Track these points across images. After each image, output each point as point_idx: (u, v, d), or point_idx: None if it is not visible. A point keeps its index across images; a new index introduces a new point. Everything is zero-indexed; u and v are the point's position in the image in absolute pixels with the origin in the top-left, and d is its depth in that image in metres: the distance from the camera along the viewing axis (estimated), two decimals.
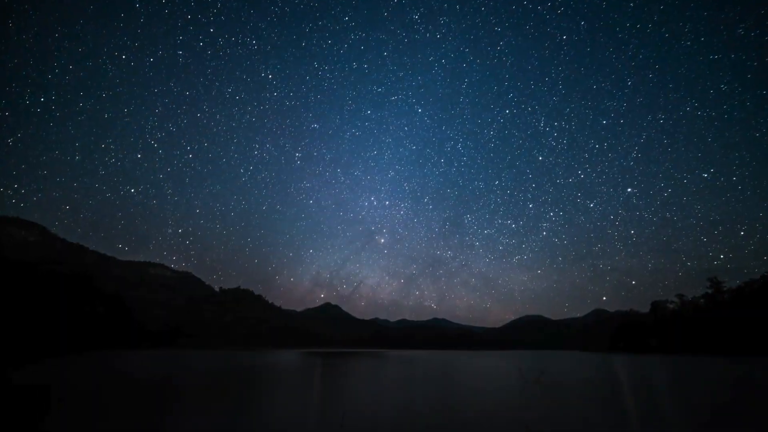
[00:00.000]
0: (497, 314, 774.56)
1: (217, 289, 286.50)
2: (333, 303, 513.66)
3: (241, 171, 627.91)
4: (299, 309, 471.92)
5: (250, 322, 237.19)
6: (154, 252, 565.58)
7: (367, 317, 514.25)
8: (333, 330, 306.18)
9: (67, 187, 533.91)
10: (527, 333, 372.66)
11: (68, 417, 12.06)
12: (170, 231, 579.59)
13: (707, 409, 14.40)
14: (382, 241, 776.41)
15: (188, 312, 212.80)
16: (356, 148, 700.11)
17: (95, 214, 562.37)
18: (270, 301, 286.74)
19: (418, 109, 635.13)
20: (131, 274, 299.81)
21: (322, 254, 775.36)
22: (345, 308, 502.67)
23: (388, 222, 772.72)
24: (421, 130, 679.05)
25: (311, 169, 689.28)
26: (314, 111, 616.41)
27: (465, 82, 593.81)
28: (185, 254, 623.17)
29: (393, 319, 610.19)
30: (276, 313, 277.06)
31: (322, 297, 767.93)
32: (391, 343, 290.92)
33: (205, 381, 24.99)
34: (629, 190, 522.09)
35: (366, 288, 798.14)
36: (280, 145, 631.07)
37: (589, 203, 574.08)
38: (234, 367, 41.06)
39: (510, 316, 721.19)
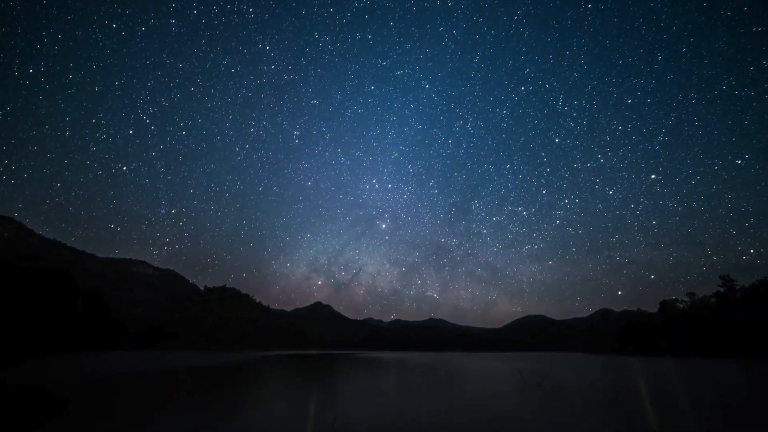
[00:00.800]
0: (503, 306, 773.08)
1: (201, 288, 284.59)
2: (324, 302, 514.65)
3: (236, 149, 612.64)
4: (289, 309, 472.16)
5: (237, 322, 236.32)
6: (147, 234, 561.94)
7: (360, 317, 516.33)
8: (324, 330, 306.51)
9: (58, 164, 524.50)
10: (529, 334, 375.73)
11: None
12: (163, 211, 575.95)
13: (720, 415, 14.42)
14: (384, 226, 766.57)
15: (171, 311, 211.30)
16: (358, 126, 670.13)
17: (87, 192, 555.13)
18: (258, 300, 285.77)
19: (425, 84, 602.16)
20: (111, 271, 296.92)
21: (320, 239, 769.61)
22: (337, 308, 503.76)
23: (390, 206, 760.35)
24: (428, 107, 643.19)
25: (310, 149, 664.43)
26: (314, 86, 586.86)
27: (477, 55, 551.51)
28: (179, 236, 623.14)
29: (387, 318, 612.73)
30: (264, 312, 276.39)
31: (319, 284, 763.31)
32: (385, 344, 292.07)
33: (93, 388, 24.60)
34: (653, 176, 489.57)
35: (365, 276, 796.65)
36: (278, 123, 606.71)
37: (609, 190, 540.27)
38: (173, 368, 40.71)
39: (517, 309, 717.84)
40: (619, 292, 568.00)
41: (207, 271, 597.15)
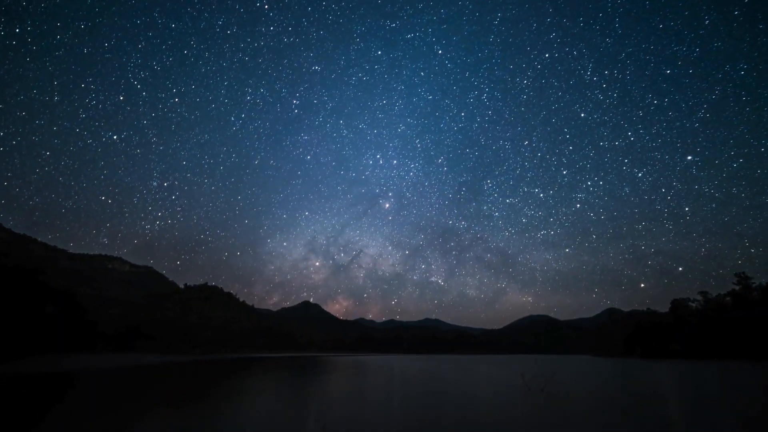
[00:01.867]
0: (513, 296, 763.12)
1: (181, 286, 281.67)
2: (313, 301, 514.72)
3: (232, 119, 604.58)
4: (275, 308, 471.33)
5: (218, 322, 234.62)
6: (140, 206, 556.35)
7: (350, 317, 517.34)
8: (312, 331, 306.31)
9: (47, 132, 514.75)
10: (531, 335, 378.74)
11: None
12: (155, 184, 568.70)
13: (742, 425, 14.70)
14: (387, 206, 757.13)
15: (148, 311, 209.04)
16: (362, 95, 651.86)
17: (76, 161, 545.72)
18: (241, 300, 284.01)
19: (437, 50, 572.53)
20: (84, 268, 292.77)
21: (319, 218, 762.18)
22: (325, 308, 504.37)
23: (394, 184, 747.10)
24: (440, 76, 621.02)
25: (310, 120, 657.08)
26: (315, 50, 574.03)
27: (497, 17, 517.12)
28: (171, 210, 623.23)
29: (379, 319, 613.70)
30: (248, 312, 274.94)
31: (317, 265, 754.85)
32: (377, 345, 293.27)
33: None
34: (689, 158, 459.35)
35: (366, 258, 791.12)
36: (276, 90, 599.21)
37: (638, 172, 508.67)
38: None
39: (528, 298, 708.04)
40: (642, 285, 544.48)
41: (201, 248, 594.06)
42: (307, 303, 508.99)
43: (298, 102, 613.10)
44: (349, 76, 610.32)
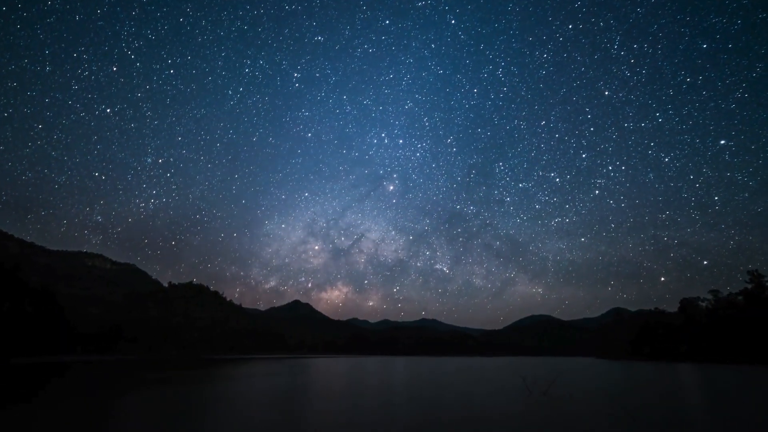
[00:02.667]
0: (522, 286, 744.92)
1: (165, 284, 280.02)
2: (303, 301, 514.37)
3: (229, 92, 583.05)
4: (263, 308, 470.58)
5: (205, 323, 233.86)
6: (134, 184, 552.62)
7: (343, 317, 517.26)
8: (303, 332, 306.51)
9: (39, 104, 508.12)
10: (532, 336, 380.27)
11: None
12: (149, 160, 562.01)
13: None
14: (392, 188, 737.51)
15: (130, 311, 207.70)
16: (368, 69, 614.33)
17: (69, 135, 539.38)
18: (228, 299, 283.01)
19: (450, 19, 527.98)
20: (63, 265, 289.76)
21: (319, 199, 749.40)
22: (317, 307, 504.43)
23: (400, 165, 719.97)
24: (453, 48, 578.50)
25: (312, 94, 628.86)
26: (318, 19, 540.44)
27: None
28: (166, 188, 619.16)
29: (374, 319, 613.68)
30: (235, 312, 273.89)
31: (315, 249, 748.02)
32: (371, 347, 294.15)
33: None
34: (723, 142, 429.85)
35: (368, 243, 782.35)
36: (276, 62, 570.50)
37: (664, 157, 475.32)
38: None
39: (538, 289, 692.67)
40: (662, 279, 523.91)
41: (196, 228, 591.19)
42: (297, 302, 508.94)
43: (299, 75, 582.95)
44: (354, 47, 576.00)
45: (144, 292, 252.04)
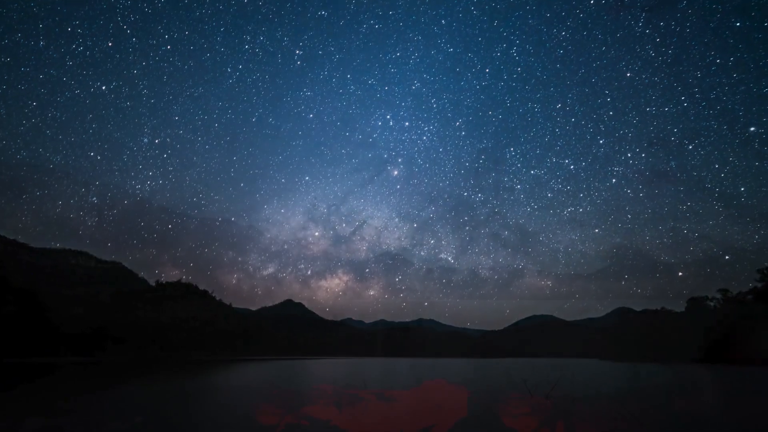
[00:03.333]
0: (530, 279, 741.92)
1: (152, 283, 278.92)
2: (296, 300, 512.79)
3: (228, 70, 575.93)
4: (254, 307, 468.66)
5: (193, 323, 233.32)
6: (130, 164, 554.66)
7: (337, 317, 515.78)
8: (296, 332, 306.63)
9: (33, 80, 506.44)
10: (534, 337, 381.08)
11: None
12: (146, 140, 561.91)
13: None
14: (396, 173, 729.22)
15: (116, 311, 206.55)
16: (373, 47, 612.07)
17: (64, 113, 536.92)
18: (218, 298, 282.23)
19: None
20: (46, 263, 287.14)
21: (320, 183, 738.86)
22: (310, 306, 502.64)
23: (405, 149, 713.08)
24: (464, 25, 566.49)
25: (314, 73, 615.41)
26: None
27: None
28: (162, 170, 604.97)
29: (369, 319, 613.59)
30: (225, 312, 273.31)
31: (315, 235, 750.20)
32: (366, 348, 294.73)
33: None
34: (752, 129, 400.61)
35: (370, 230, 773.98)
36: (277, 39, 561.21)
37: (688, 144, 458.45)
38: None
39: (547, 282, 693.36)
40: (680, 274, 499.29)
41: (194, 211, 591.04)
42: (289, 301, 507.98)
43: (301, 53, 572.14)
44: (359, 23, 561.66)
45: (130, 291, 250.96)
